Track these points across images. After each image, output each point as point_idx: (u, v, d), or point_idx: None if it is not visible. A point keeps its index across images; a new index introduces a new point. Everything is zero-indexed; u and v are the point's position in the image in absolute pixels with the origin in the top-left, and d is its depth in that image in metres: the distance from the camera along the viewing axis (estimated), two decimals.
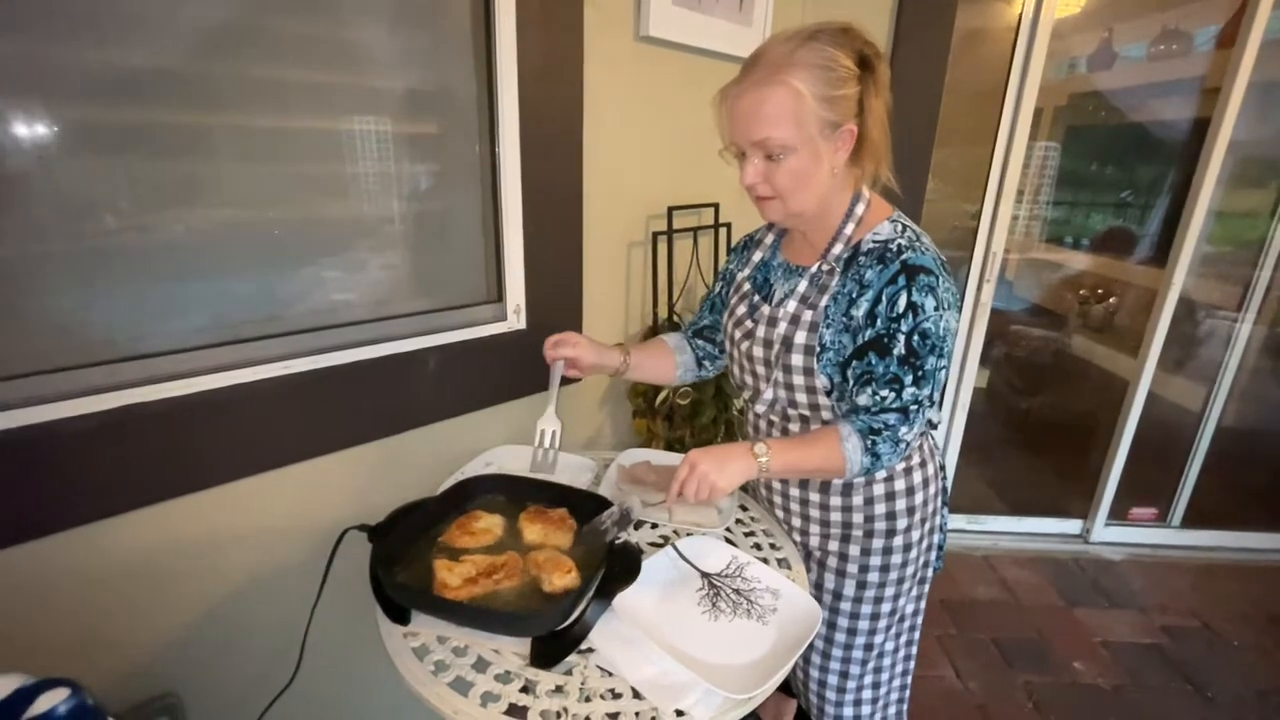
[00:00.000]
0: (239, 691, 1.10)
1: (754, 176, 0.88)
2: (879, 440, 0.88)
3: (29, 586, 0.89)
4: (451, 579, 0.85)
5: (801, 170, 0.86)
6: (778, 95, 0.81)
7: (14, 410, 0.84)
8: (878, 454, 0.88)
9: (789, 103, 0.81)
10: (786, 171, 0.86)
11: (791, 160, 0.85)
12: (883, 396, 0.87)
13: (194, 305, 1.01)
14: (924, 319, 0.84)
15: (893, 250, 0.87)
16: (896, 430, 0.88)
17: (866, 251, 0.89)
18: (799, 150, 0.84)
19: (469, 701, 0.75)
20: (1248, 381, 2.43)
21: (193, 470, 1.00)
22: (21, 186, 0.84)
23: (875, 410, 0.88)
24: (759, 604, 0.92)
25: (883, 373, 0.86)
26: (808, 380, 0.93)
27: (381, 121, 1.14)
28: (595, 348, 1.08)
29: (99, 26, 0.86)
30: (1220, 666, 1.90)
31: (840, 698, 1.13)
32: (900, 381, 0.85)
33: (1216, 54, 2.12)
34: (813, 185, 0.88)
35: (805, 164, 0.85)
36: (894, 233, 0.90)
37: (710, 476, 0.87)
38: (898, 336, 0.84)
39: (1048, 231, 2.66)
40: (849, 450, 0.88)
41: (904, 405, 0.87)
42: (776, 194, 0.88)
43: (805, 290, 0.94)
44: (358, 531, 0.93)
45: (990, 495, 2.63)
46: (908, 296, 0.83)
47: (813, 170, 0.86)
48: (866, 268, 0.88)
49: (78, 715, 0.52)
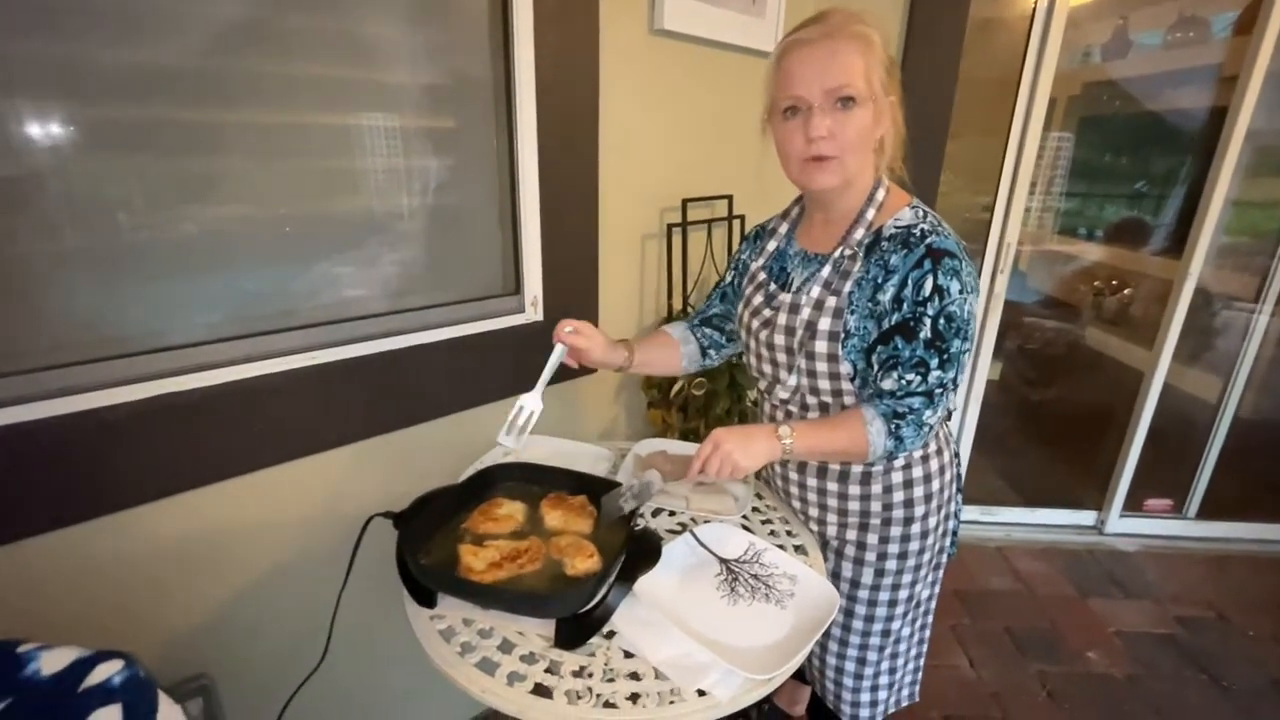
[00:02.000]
0: (269, 673, 1.13)
1: (824, 129, 0.86)
2: (903, 424, 0.89)
3: (67, 571, 0.92)
4: (476, 563, 0.87)
5: (866, 127, 0.87)
6: (856, 46, 0.84)
7: (50, 400, 0.87)
8: (901, 438, 0.89)
9: (865, 54, 0.84)
10: (855, 124, 0.86)
11: (860, 113, 0.86)
12: (908, 381, 0.87)
13: (221, 299, 1.04)
14: (950, 302, 0.84)
15: (916, 235, 0.87)
16: (921, 414, 0.88)
17: (890, 237, 0.90)
18: (867, 104, 0.86)
19: (496, 681, 0.77)
20: (1265, 373, 2.41)
21: (221, 460, 1.02)
22: (49, 184, 0.87)
23: (901, 395, 0.88)
24: (777, 589, 0.93)
25: (909, 357, 0.86)
26: (831, 366, 0.94)
27: (400, 116, 1.16)
28: (606, 344, 1.05)
29: (136, 25, 0.88)
30: (1235, 656, 1.89)
31: (858, 684, 1.14)
32: (926, 365, 0.86)
33: (1234, 41, 2.09)
34: (868, 146, 0.89)
35: (869, 120, 0.87)
36: (916, 218, 0.90)
37: (734, 455, 0.87)
38: (924, 320, 0.85)
39: (1061, 223, 2.64)
40: (873, 434, 0.89)
41: (929, 389, 0.87)
42: (841, 151, 0.87)
43: (829, 276, 0.94)
44: (382, 519, 0.95)
45: (1004, 487, 2.62)
46: (934, 280, 0.84)
47: (871, 129, 0.88)
48: (891, 253, 0.89)
49: (132, 685, 0.54)
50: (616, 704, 0.74)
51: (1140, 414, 2.34)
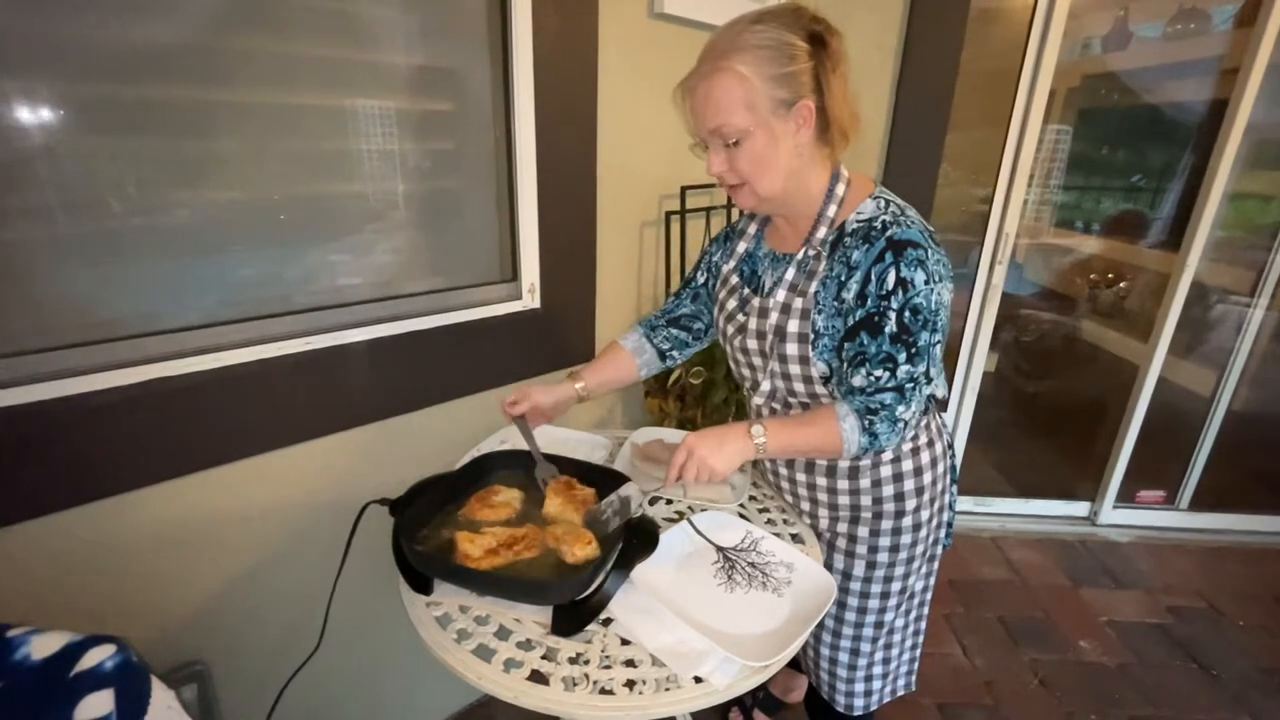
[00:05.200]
0: (264, 660, 1.12)
1: (718, 166, 0.89)
2: (876, 420, 0.88)
3: (60, 556, 0.91)
4: (473, 550, 0.87)
5: (761, 153, 0.86)
6: (724, 82, 0.82)
7: (41, 384, 0.86)
8: (875, 434, 0.88)
9: (736, 88, 0.82)
10: (747, 156, 0.86)
11: (749, 145, 0.85)
12: (877, 376, 0.86)
13: (214, 283, 1.03)
14: (914, 294, 0.83)
15: (877, 228, 0.86)
16: (894, 410, 0.87)
17: (851, 232, 0.89)
18: (754, 133, 0.84)
19: (492, 668, 0.76)
20: (1259, 367, 2.42)
21: (216, 445, 1.01)
22: (36, 165, 0.85)
23: (871, 391, 0.87)
24: (774, 577, 0.93)
25: (875, 352, 0.85)
26: (804, 369, 0.94)
27: (397, 100, 1.14)
28: (548, 391, 1.08)
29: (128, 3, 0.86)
30: (1225, 646, 1.91)
31: (851, 674, 1.15)
32: (894, 360, 0.85)
33: (1235, 33, 2.09)
34: (776, 167, 0.87)
35: (763, 146, 0.85)
36: (877, 209, 0.89)
37: (709, 460, 0.88)
38: (889, 314, 0.84)
39: (1058, 216, 2.64)
40: (846, 430, 0.88)
41: (899, 384, 0.86)
42: (743, 180, 0.89)
43: (794, 278, 0.93)
44: (378, 505, 0.94)
45: (998, 478, 2.64)
46: (896, 273, 0.83)
47: (772, 151, 0.86)
48: (853, 248, 0.87)
49: (124, 670, 0.54)
50: (613, 690, 0.74)
51: (1134, 406, 2.35)
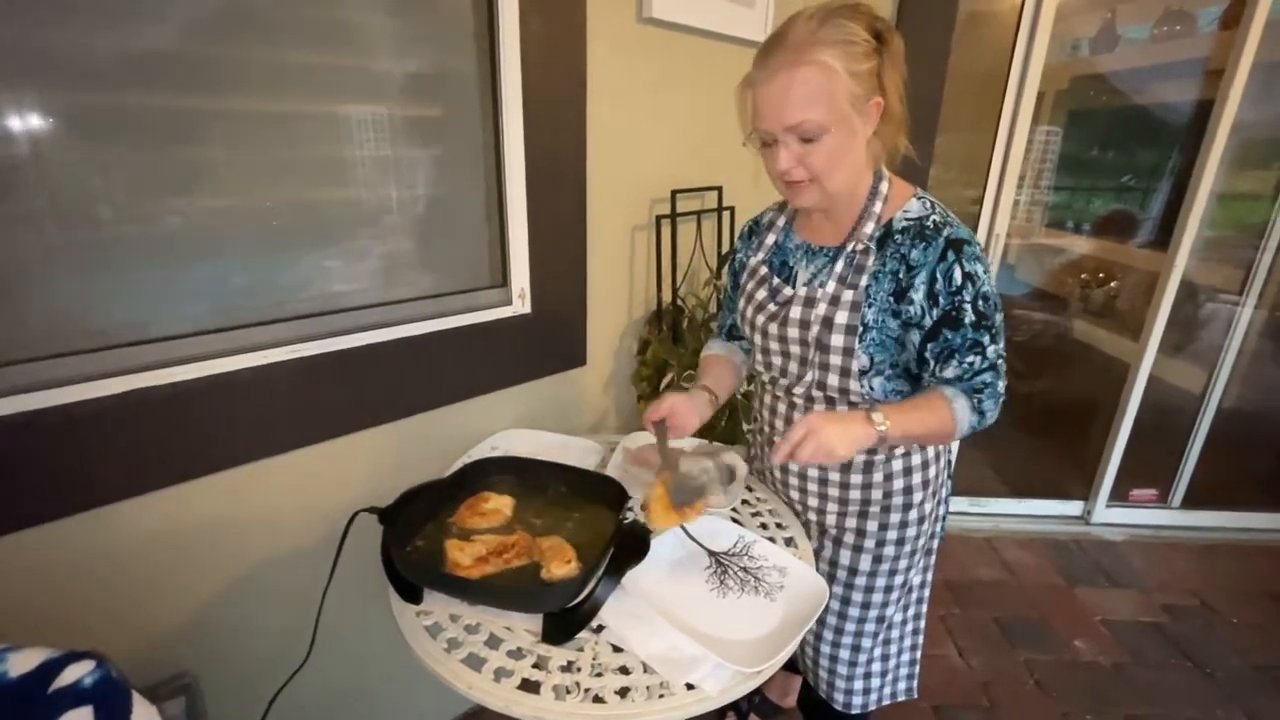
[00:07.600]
0: (253, 672, 1.11)
1: (788, 162, 0.86)
2: (983, 398, 0.90)
3: (45, 568, 0.90)
4: (463, 558, 0.86)
5: (838, 149, 0.85)
6: (810, 75, 0.80)
7: (25, 394, 0.85)
8: (983, 411, 0.91)
9: (823, 81, 0.80)
10: (824, 152, 0.84)
11: (828, 141, 0.84)
12: (970, 363, 0.89)
13: (200, 291, 1.01)
14: (981, 284, 0.87)
15: (930, 227, 0.88)
16: (995, 386, 0.91)
17: (901, 230, 0.90)
18: (834, 130, 0.83)
19: (482, 677, 0.76)
20: (1249, 364, 2.44)
21: (203, 454, 1.00)
22: (26, 173, 0.84)
23: (969, 376, 0.90)
24: (766, 581, 0.93)
25: (961, 342, 0.88)
26: (845, 361, 0.94)
27: (384, 105, 1.14)
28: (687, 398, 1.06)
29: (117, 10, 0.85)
30: (1219, 644, 1.92)
31: (851, 671, 1.15)
32: (980, 344, 0.88)
33: (1220, 35, 2.11)
34: (848, 163, 0.88)
35: (841, 142, 0.85)
36: (924, 209, 0.90)
37: (831, 442, 0.85)
38: (964, 307, 0.87)
39: (1049, 216, 2.65)
40: (958, 410, 0.90)
41: (992, 362, 0.90)
42: (813, 177, 0.87)
43: (843, 270, 0.94)
44: (368, 514, 0.94)
45: (992, 478, 2.64)
46: (961, 269, 0.86)
47: (848, 148, 0.86)
48: (906, 246, 0.89)
49: (103, 686, 0.53)
50: (605, 699, 0.74)
51: (1126, 405, 2.36)
